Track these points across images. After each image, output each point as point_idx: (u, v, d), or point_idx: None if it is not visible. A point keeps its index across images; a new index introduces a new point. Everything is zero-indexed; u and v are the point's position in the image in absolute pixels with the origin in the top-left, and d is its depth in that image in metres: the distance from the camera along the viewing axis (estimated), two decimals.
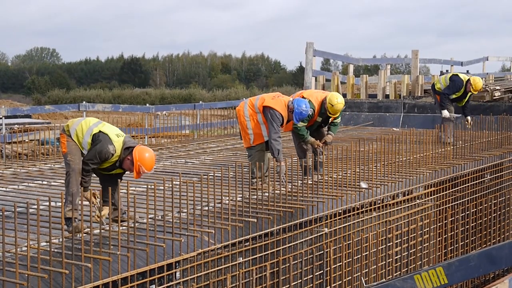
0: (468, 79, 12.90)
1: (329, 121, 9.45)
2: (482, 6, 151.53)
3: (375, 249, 8.41)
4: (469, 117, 12.99)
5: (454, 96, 12.99)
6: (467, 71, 27.75)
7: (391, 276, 8.63)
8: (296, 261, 7.27)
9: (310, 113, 8.99)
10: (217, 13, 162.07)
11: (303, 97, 9.26)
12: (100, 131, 6.24)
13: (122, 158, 6.21)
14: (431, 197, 9.75)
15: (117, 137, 6.22)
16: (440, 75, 22.39)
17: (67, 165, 6.35)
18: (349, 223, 8.08)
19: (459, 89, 12.90)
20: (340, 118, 9.61)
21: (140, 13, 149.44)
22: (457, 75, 13.18)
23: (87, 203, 6.32)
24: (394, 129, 16.99)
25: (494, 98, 17.36)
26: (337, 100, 9.12)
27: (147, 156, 6.11)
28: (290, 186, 8.09)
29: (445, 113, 12.84)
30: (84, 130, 6.30)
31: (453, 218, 10.16)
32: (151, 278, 5.62)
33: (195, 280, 6.06)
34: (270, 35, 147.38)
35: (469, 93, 13.02)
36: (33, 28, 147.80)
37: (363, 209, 8.33)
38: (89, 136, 6.26)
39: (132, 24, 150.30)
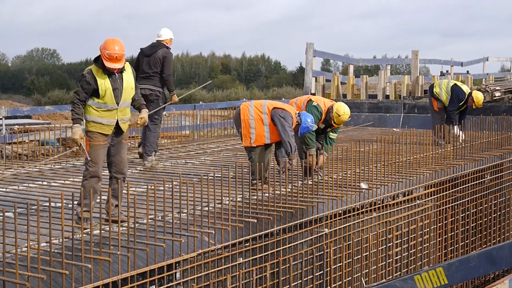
0: (470, 93, 12.84)
1: (327, 130, 9.42)
2: (486, 7, 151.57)
3: (375, 250, 8.41)
4: (462, 135, 12.55)
5: None
6: (467, 71, 27.76)
7: (391, 277, 8.63)
8: (296, 262, 7.27)
9: (316, 123, 8.98)
10: (221, 14, 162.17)
11: (310, 100, 9.25)
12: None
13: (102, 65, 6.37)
14: (431, 198, 9.75)
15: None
16: (440, 76, 22.46)
17: (85, 170, 6.43)
18: (349, 224, 8.08)
19: (460, 101, 12.85)
20: (337, 133, 9.61)
21: (144, 14, 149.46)
22: (459, 87, 12.94)
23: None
24: (394, 129, 16.99)
25: (494, 98, 17.37)
26: (344, 111, 9.11)
27: (109, 40, 6.37)
28: (290, 187, 8.10)
29: (456, 130, 12.68)
30: None
31: (453, 218, 10.16)
32: (151, 279, 5.62)
33: (195, 281, 6.06)
34: (273, 36, 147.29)
35: (469, 106, 12.99)
36: (37, 29, 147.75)
37: (363, 210, 8.33)
38: None
39: (135, 25, 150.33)
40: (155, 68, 10.29)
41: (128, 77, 6.55)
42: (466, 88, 13.00)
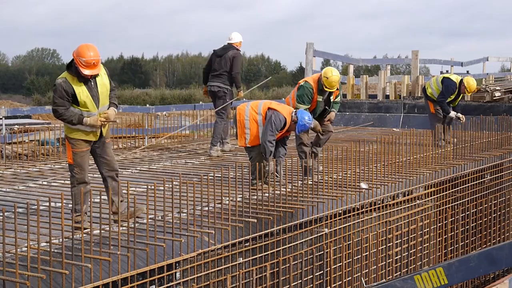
0: (461, 80, 12.64)
1: (331, 102, 9.43)
2: (486, 7, 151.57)
3: (375, 250, 8.41)
4: (460, 115, 12.73)
5: (448, 100, 12.77)
6: (467, 71, 27.74)
7: (391, 277, 8.63)
8: (296, 262, 7.27)
9: (309, 102, 9.00)
10: (221, 14, 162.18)
11: (299, 84, 9.30)
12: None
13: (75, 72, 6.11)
14: (431, 198, 9.75)
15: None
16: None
17: (72, 177, 6.36)
18: (349, 224, 8.08)
19: (453, 92, 12.61)
20: (340, 97, 9.64)
21: (145, 14, 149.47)
22: (448, 78, 12.75)
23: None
24: (394, 129, 16.99)
25: (494, 98, 17.37)
26: (332, 73, 9.10)
27: (83, 46, 6.06)
28: (290, 187, 8.10)
29: (453, 113, 12.64)
30: None
31: (453, 218, 10.16)
32: (151, 279, 5.62)
33: (195, 281, 6.06)
34: (273, 36, 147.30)
35: (462, 94, 12.89)
36: (37, 29, 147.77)
37: (363, 210, 8.33)
38: None
39: (136, 26, 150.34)
40: (225, 67, 11.72)
41: (104, 79, 6.33)
42: (456, 77, 12.75)
